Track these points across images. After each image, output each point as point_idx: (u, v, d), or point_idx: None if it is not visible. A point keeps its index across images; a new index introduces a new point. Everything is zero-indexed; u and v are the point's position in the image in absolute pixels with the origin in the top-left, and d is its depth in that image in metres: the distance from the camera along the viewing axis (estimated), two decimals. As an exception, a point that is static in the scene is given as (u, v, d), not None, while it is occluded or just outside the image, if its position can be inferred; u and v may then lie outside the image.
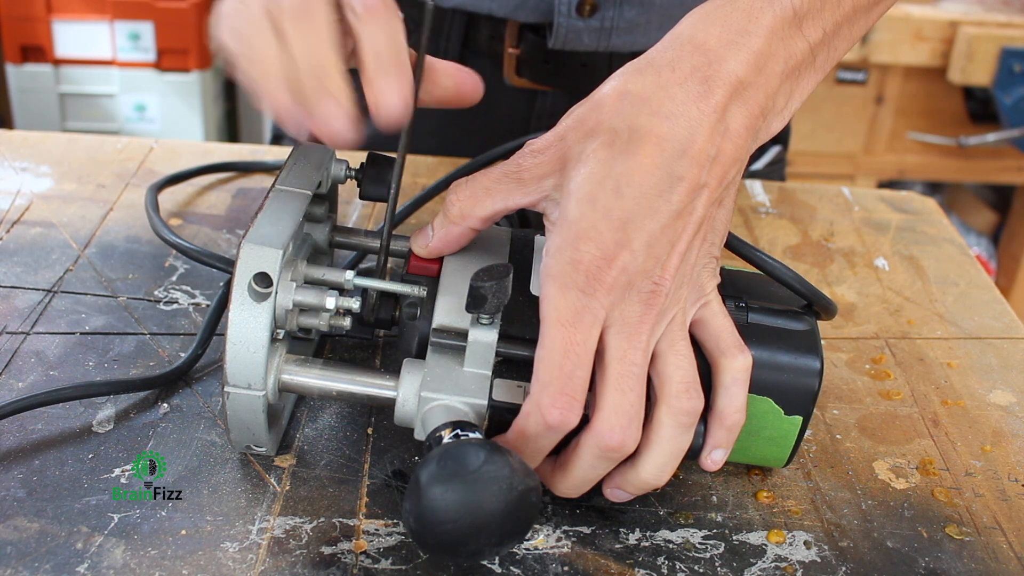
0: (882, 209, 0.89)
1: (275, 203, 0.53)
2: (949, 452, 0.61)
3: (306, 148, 0.59)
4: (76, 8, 2.09)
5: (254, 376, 0.50)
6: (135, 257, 0.72)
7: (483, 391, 0.51)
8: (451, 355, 0.52)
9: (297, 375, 0.52)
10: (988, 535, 0.56)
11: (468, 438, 0.47)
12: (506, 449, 0.45)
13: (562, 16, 0.81)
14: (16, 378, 0.60)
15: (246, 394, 0.51)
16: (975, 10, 2.04)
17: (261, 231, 0.51)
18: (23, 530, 0.50)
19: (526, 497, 0.44)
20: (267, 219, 0.52)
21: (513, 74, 0.87)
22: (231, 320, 0.50)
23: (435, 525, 0.43)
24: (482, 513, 0.43)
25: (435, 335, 0.52)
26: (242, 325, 0.50)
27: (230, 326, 0.50)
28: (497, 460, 0.44)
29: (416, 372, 0.51)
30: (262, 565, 0.50)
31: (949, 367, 0.69)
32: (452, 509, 0.43)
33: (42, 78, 2.13)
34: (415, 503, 0.44)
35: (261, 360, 0.50)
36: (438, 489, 0.43)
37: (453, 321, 0.52)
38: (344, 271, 0.55)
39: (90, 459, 0.55)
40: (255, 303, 0.50)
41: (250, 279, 0.50)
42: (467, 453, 0.44)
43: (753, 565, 0.52)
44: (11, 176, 0.81)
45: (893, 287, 0.77)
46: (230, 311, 0.50)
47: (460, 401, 0.50)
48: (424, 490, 0.44)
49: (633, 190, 0.48)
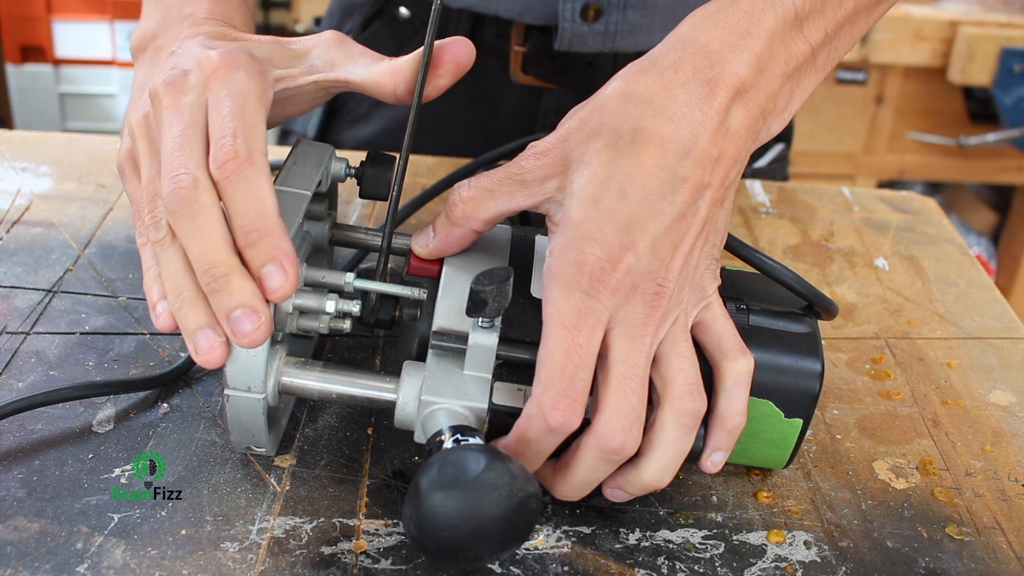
0: (882, 209, 0.89)
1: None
2: (949, 452, 0.61)
3: (306, 145, 0.59)
4: (76, 8, 2.10)
5: (254, 379, 0.50)
6: (135, 257, 0.72)
7: (483, 395, 0.51)
8: (451, 358, 0.52)
9: (297, 378, 0.52)
10: (988, 535, 0.56)
11: (468, 443, 0.47)
12: (506, 455, 0.45)
13: (566, 21, 0.82)
14: (16, 378, 0.60)
15: (246, 397, 0.51)
16: (975, 10, 2.04)
17: None
18: (23, 530, 0.50)
19: (526, 504, 0.44)
20: None
21: (519, 71, 0.88)
22: None
23: (435, 532, 0.43)
24: (482, 520, 0.43)
25: (435, 338, 0.52)
26: None
27: None
28: (497, 467, 0.44)
29: (416, 375, 0.51)
30: (262, 565, 0.50)
31: (949, 367, 0.69)
32: (452, 516, 0.43)
33: (42, 78, 2.13)
34: (415, 510, 0.44)
35: (261, 363, 0.50)
36: (438, 496, 0.43)
37: (453, 324, 0.52)
38: (344, 273, 0.55)
39: (90, 459, 0.55)
40: None
41: None
42: (467, 460, 0.44)
43: (753, 565, 0.52)
44: (11, 176, 0.81)
45: (893, 287, 0.77)
46: None
47: (460, 405, 0.50)
48: (424, 497, 0.44)
49: (637, 191, 0.48)
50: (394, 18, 0.91)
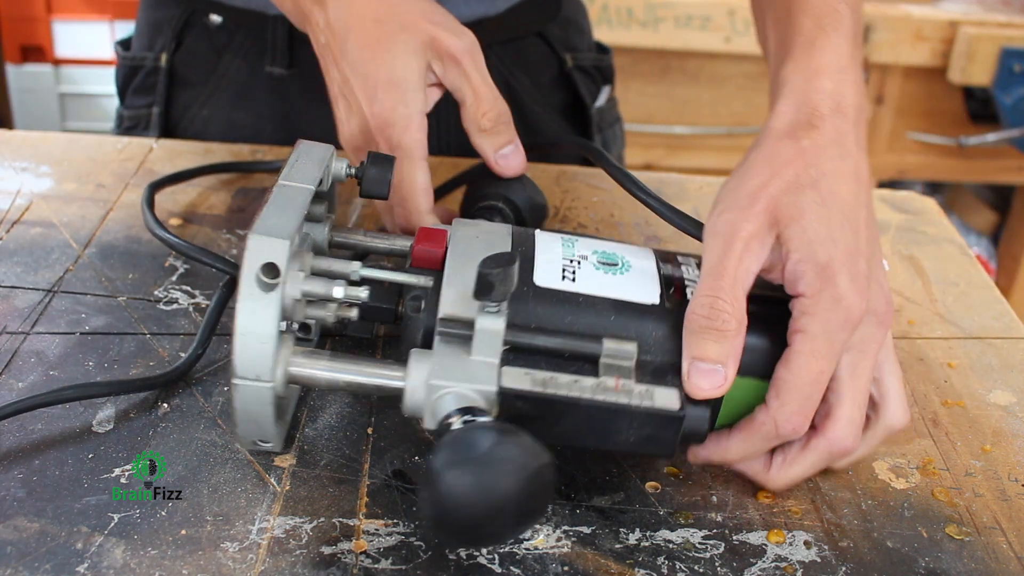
0: (882, 209, 0.89)
1: (280, 197, 0.53)
2: (949, 452, 0.61)
3: (308, 145, 0.59)
4: (76, 8, 2.10)
5: (262, 367, 0.50)
6: (135, 257, 0.72)
7: (492, 378, 0.51)
8: (458, 344, 0.52)
9: (305, 367, 0.53)
10: (988, 535, 0.56)
11: (478, 422, 0.47)
12: (516, 429, 0.46)
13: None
14: (16, 378, 0.60)
15: (254, 386, 0.51)
16: (975, 10, 2.04)
17: (268, 223, 0.51)
18: (23, 530, 0.50)
19: (541, 475, 0.44)
20: (273, 211, 0.52)
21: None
22: (239, 311, 0.50)
23: (453, 510, 0.43)
24: (498, 493, 0.43)
25: (441, 325, 0.52)
26: (250, 316, 0.50)
27: (238, 317, 0.50)
28: (508, 440, 0.44)
29: (424, 361, 0.51)
30: (262, 565, 0.50)
31: (949, 367, 0.69)
32: (469, 492, 0.43)
33: (42, 78, 2.13)
34: (431, 491, 0.44)
35: (270, 351, 0.50)
36: (452, 474, 0.43)
37: (459, 311, 0.52)
38: (351, 262, 0.55)
39: (90, 459, 0.55)
40: (263, 294, 0.50)
41: (258, 270, 0.50)
42: (477, 436, 0.45)
43: (753, 565, 0.52)
44: (11, 176, 0.81)
45: (893, 287, 0.77)
46: (238, 302, 0.50)
47: (470, 389, 0.50)
48: (438, 476, 0.44)
49: (852, 223, 0.54)
50: (206, 27, 0.91)
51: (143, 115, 0.95)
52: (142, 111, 0.95)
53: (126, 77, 0.96)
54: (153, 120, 0.94)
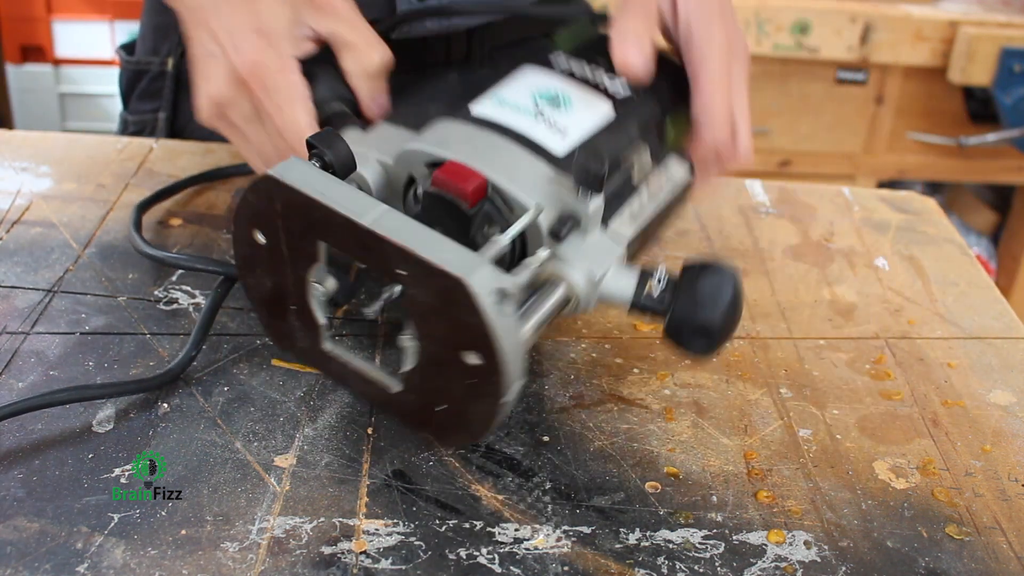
0: (882, 209, 0.89)
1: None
2: (949, 452, 0.61)
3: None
4: (76, 8, 2.10)
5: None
6: (135, 257, 0.72)
7: (622, 239, 0.59)
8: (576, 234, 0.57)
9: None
10: (988, 535, 0.56)
11: (674, 274, 0.57)
12: (702, 263, 0.56)
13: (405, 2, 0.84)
14: (16, 378, 0.60)
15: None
16: (975, 10, 2.04)
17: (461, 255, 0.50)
18: (23, 530, 0.50)
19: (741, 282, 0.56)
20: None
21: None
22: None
23: (730, 309, 0.55)
24: (739, 291, 0.56)
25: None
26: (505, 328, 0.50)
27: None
28: (714, 264, 0.56)
29: (577, 257, 0.56)
30: (262, 565, 0.50)
31: (949, 367, 0.69)
32: (727, 293, 0.55)
33: (42, 78, 2.13)
34: (717, 306, 0.55)
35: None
36: (728, 287, 0.55)
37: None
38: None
39: (90, 459, 0.55)
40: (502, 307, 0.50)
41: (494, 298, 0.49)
42: (698, 268, 0.56)
43: (753, 565, 0.52)
44: (11, 176, 0.81)
45: (893, 287, 0.77)
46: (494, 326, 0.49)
47: (620, 254, 0.58)
48: (723, 287, 0.55)
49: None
50: None
51: (149, 120, 0.94)
52: (148, 116, 0.94)
53: (130, 81, 0.95)
54: (160, 125, 0.93)
